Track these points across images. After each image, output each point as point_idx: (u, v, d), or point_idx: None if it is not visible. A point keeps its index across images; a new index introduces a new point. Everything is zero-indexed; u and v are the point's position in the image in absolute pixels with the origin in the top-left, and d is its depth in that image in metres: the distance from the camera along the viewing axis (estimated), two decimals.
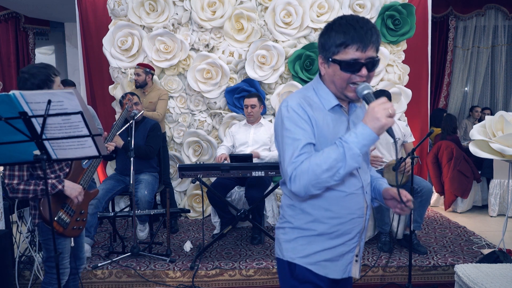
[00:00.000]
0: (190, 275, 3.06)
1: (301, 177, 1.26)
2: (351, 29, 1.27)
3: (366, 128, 1.23)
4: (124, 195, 4.07)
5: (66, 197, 2.13)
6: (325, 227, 1.38)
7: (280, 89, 4.37)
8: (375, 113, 1.22)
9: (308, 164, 1.25)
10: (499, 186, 4.64)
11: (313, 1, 4.37)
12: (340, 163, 1.23)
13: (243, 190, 3.68)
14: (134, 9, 4.42)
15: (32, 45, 6.50)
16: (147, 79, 4.13)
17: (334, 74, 1.33)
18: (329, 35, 1.31)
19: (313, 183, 1.25)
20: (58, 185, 2.05)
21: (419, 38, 4.77)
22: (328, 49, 1.32)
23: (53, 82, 2.05)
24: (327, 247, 1.39)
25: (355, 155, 1.23)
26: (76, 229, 2.20)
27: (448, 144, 4.86)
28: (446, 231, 3.93)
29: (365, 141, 1.23)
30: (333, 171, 1.24)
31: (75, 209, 2.20)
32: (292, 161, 1.28)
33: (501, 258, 2.88)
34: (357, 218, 1.41)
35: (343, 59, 1.29)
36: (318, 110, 1.35)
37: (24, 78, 2.00)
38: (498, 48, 6.56)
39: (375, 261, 3.17)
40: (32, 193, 2.00)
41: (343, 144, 1.24)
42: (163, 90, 4.26)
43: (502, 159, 3.12)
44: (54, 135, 1.66)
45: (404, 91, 4.54)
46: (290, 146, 1.30)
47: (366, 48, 1.27)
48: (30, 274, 2.98)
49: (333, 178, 1.25)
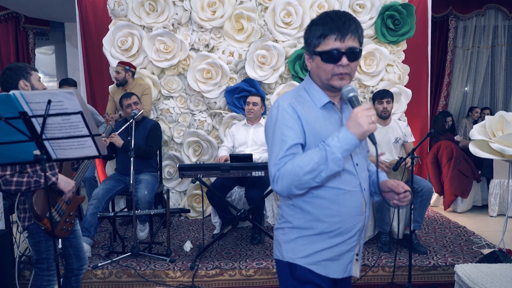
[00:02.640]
0: (190, 275, 3.06)
1: (284, 178, 1.29)
2: (329, 21, 1.31)
3: (349, 133, 1.26)
4: (124, 195, 4.07)
5: (57, 197, 2.14)
6: (325, 226, 1.38)
7: (280, 89, 4.37)
8: (358, 119, 1.25)
9: (291, 165, 1.28)
10: (499, 186, 4.64)
11: (313, 1, 4.37)
12: (322, 166, 1.26)
13: (243, 190, 3.68)
14: (134, 9, 4.42)
15: (32, 45, 6.50)
16: (126, 77, 4.18)
17: (318, 67, 1.37)
18: (310, 29, 1.37)
19: (295, 184, 1.28)
20: (52, 177, 2.06)
21: (419, 38, 4.77)
22: (310, 43, 1.36)
23: (31, 75, 2.13)
24: (327, 246, 1.39)
25: (337, 159, 1.25)
26: (64, 230, 2.20)
27: (448, 144, 4.86)
28: (446, 231, 3.94)
29: (347, 146, 1.26)
30: (314, 173, 1.26)
31: (64, 209, 2.21)
32: (276, 163, 1.31)
33: (501, 258, 2.88)
34: (356, 215, 1.41)
35: (323, 50, 1.32)
36: (310, 108, 1.38)
37: (3, 71, 2.11)
38: (498, 48, 6.55)
39: (375, 261, 3.17)
40: (26, 185, 2.00)
41: (325, 147, 1.26)
42: (145, 85, 4.29)
43: (502, 159, 3.12)
44: (54, 135, 1.66)
45: (404, 91, 4.54)
46: (276, 147, 1.33)
47: (345, 37, 1.30)
48: (30, 274, 2.98)
49: (314, 180, 1.28)
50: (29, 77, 2.14)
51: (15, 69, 2.12)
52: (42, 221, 2.05)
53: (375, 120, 1.27)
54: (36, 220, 2.06)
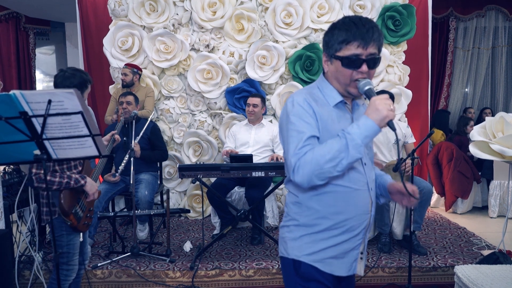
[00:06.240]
0: (190, 275, 3.06)
1: (305, 167, 1.28)
2: (353, 27, 1.31)
3: (368, 120, 1.27)
4: (124, 195, 4.06)
5: (80, 193, 2.24)
6: (331, 223, 1.39)
7: (281, 90, 4.37)
8: (377, 105, 1.27)
9: (312, 154, 1.28)
10: (499, 187, 4.63)
11: (313, 2, 4.37)
12: (343, 153, 1.26)
13: (243, 190, 3.67)
14: (134, 9, 4.42)
15: (33, 45, 6.50)
16: (134, 79, 4.20)
17: (336, 71, 1.38)
18: (332, 33, 1.37)
19: (316, 173, 1.28)
20: (81, 180, 2.18)
21: (419, 39, 4.77)
22: (331, 47, 1.37)
23: (87, 89, 2.30)
24: (332, 244, 1.40)
25: (357, 146, 1.26)
26: (86, 224, 2.31)
27: (448, 145, 4.86)
28: (446, 232, 3.93)
29: (367, 132, 1.27)
30: (336, 161, 1.26)
31: (86, 205, 2.31)
32: (295, 152, 1.30)
33: (501, 259, 2.87)
34: (362, 214, 1.43)
35: (345, 55, 1.33)
36: (323, 106, 1.39)
37: (65, 76, 2.22)
38: (498, 49, 6.55)
39: (375, 262, 3.17)
40: (57, 185, 2.10)
41: (345, 135, 1.27)
42: (149, 88, 4.32)
43: (502, 160, 3.12)
44: (54, 135, 1.66)
45: (405, 92, 4.54)
46: (294, 138, 1.33)
47: (368, 45, 1.31)
48: (30, 274, 2.98)
49: (335, 169, 1.28)
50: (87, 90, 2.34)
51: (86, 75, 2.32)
52: (69, 217, 2.16)
53: (393, 108, 1.28)
54: (63, 216, 2.15)
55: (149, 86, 4.37)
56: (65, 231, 2.22)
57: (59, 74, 2.26)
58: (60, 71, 2.28)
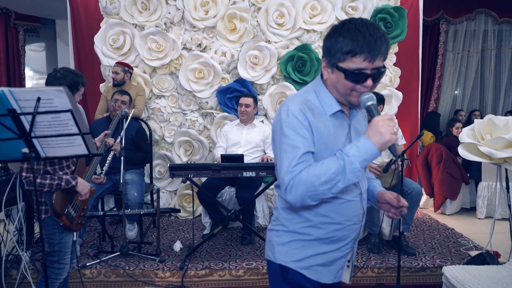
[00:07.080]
0: (179, 275, 3.05)
1: (298, 187, 1.22)
2: (360, 37, 1.19)
3: (369, 142, 1.20)
4: (113, 194, 4.03)
5: (73, 193, 2.22)
6: (321, 233, 1.37)
7: (272, 90, 4.38)
8: (379, 127, 1.19)
9: (307, 174, 1.21)
10: (487, 189, 4.69)
11: (306, 3, 4.39)
12: (339, 176, 1.20)
13: (234, 190, 3.67)
14: (126, 7, 4.39)
15: (22, 42, 6.42)
16: (125, 78, 4.17)
17: (337, 81, 1.28)
18: (336, 39, 1.24)
19: (310, 194, 1.22)
20: (72, 181, 2.15)
21: (410, 41, 4.82)
22: (334, 55, 1.25)
23: (78, 91, 2.29)
24: (321, 251, 1.38)
25: (355, 170, 1.20)
26: (79, 224, 2.30)
27: (438, 146, 4.90)
28: (434, 233, 3.97)
29: (367, 156, 1.20)
30: (331, 183, 1.21)
31: (79, 205, 2.30)
32: (289, 170, 1.23)
33: (488, 260, 2.91)
34: (353, 224, 1.40)
35: (348, 67, 1.23)
36: (319, 115, 1.31)
37: (56, 76, 2.19)
38: (487, 53, 6.63)
39: (364, 262, 3.19)
40: (48, 187, 2.08)
41: (343, 157, 1.21)
42: (140, 86, 4.29)
43: (490, 162, 3.15)
44: (43, 133, 1.65)
45: (395, 94, 4.58)
46: (288, 154, 1.25)
47: (375, 59, 1.21)
48: (17, 274, 2.94)
49: (330, 191, 1.22)
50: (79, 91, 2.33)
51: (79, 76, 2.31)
52: (61, 218, 2.15)
53: (396, 131, 1.21)
54: (55, 217, 2.14)
55: (140, 85, 4.34)
56: (57, 229, 2.20)
57: (51, 73, 2.24)
58: (53, 71, 2.25)
